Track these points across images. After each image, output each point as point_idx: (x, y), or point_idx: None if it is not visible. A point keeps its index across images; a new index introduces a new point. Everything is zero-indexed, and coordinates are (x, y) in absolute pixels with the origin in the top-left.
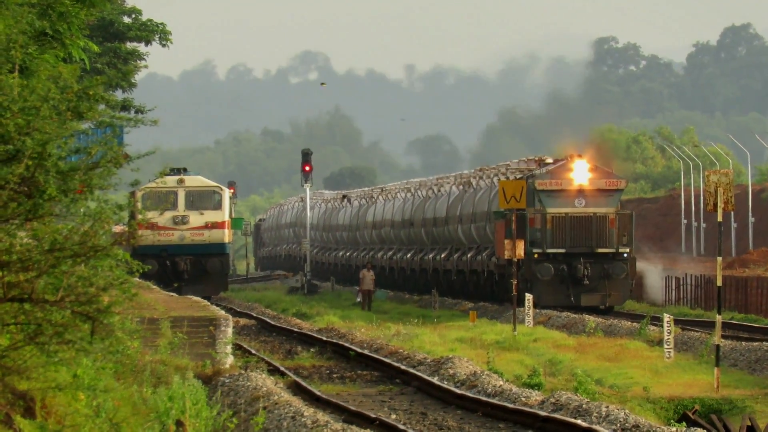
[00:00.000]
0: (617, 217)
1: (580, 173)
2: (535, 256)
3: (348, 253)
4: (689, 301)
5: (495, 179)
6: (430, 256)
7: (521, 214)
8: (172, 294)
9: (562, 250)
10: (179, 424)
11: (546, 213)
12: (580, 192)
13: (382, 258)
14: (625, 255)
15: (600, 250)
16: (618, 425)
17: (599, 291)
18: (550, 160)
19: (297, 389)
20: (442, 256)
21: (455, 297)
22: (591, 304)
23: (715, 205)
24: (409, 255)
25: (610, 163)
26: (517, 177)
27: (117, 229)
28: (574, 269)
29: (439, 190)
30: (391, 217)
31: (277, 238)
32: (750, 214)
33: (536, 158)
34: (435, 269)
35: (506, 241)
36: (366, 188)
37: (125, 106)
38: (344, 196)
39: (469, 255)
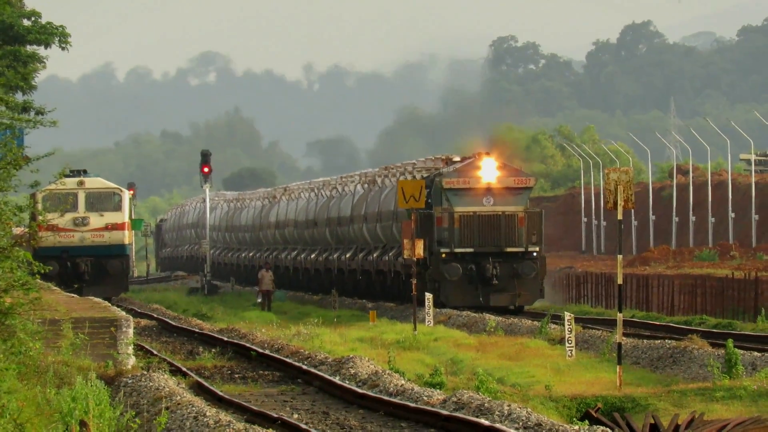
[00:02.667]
0: (526, 215)
1: (488, 171)
2: (443, 255)
3: (251, 254)
4: (590, 300)
5: (401, 178)
6: (335, 256)
7: (428, 213)
8: (72, 295)
9: (471, 250)
10: (83, 424)
11: (453, 212)
12: (489, 190)
13: (286, 258)
14: (535, 254)
15: (509, 250)
16: (520, 423)
17: (509, 291)
18: (457, 159)
19: (199, 389)
20: (347, 255)
21: (361, 298)
22: (501, 305)
23: (615, 203)
24: (313, 255)
25: (514, 161)
26: (424, 175)
27: (17, 230)
28: (483, 269)
29: (343, 190)
30: (295, 216)
31: (178, 238)
32: (651, 212)
33: (443, 156)
34: (340, 269)
35: (405, 241)
36: (268, 188)
37: (25, 108)
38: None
39: (374, 255)
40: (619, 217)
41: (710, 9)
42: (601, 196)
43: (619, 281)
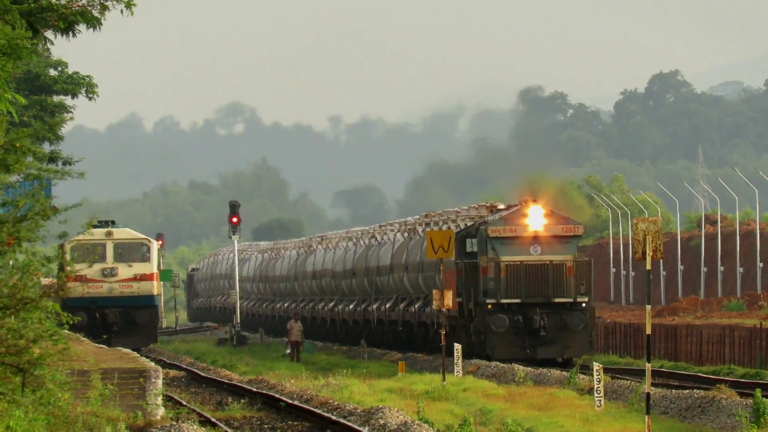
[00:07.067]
0: (575, 264)
1: (536, 219)
2: (489, 306)
3: (285, 305)
4: (619, 350)
5: (444, 227)
6: (374, 306)
7: (473, 263)
8: (101, 346)
9: (518, 300)
10: None
11: (500, 261)
12: (536, 239)
13: (323, 309)
14: (584, 305)
15: (557, 300)
16: None
17: (557, 343)
18: (502, 206)
19: None
20: (387, 306)
21: (400, 350)
22: (548, 357)
23: (644, 253)
24: (351, 306)
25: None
26: (468, 224)
27: (46, 281)
28: (530, 320)
29: (381, 238)
30: (332, 266)
31: (211, 288)
32: (679, 262)
33: (488, 204)
34: (379, 320)
35: (435, 291)
36: (304, 237)
37: (52, 159)
38: None
39: (416, 306)
40: (648, 267)
41: (737, 58)
42: (630, 246)
43: (648, 331)
